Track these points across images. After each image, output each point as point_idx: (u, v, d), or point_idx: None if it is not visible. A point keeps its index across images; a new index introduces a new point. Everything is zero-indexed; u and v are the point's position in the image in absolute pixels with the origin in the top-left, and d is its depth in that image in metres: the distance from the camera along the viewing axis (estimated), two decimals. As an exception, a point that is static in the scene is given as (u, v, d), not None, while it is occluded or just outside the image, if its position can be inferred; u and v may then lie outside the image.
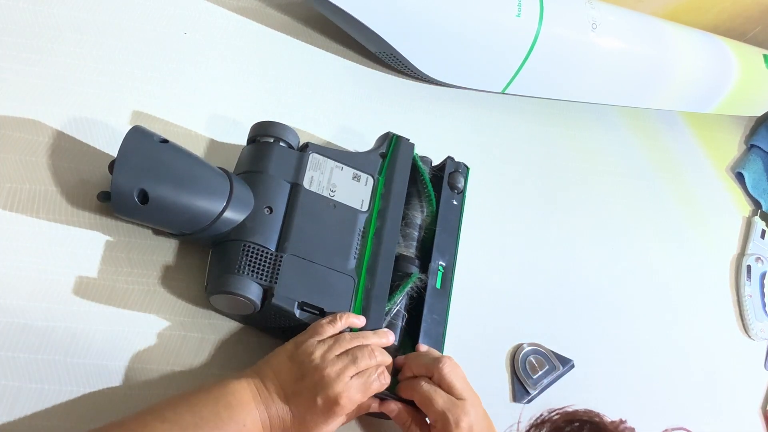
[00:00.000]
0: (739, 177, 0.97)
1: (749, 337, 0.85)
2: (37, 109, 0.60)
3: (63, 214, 0.56)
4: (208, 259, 0.57)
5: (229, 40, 0.71)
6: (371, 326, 0.57)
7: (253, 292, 0.53)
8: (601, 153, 0.89)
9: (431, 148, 0.71)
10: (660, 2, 0.94)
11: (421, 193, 0.67)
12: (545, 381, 0.68)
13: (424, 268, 0.63)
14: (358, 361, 0.52)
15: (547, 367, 0.69)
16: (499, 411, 0.66)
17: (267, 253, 0.55)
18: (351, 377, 0.51)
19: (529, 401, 0.67)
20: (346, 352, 0.52)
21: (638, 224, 0.86)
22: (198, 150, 0.64)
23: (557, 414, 0.43)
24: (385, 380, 0.53)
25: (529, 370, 0.68)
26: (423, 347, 0.59)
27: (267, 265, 0.55)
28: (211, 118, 0.66)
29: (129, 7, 0.68)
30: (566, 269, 0.78)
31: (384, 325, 0.58)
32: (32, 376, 0.51)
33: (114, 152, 0.53)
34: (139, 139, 0.54)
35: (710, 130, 1.00)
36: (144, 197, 0.52)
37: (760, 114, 1.04)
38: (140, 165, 0.53)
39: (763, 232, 0.93)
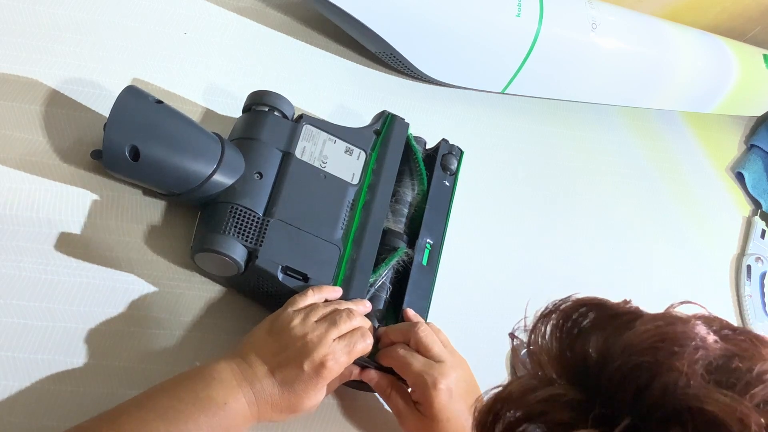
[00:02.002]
0: (739, 177, 0.97)
1: (749, 337, 0.85)
2: (36, 109, 0.60)
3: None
4: (196, 220, 0.58)
5: (229, 40, 0.71)
6: (354, 295, 0.58)
7: (238, 252, 0.54)
8: (601, 153, 0.89)
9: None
10: (660, 2, 0.94)
11: (413, 172, 0.67)
12: (545, 381, 0.68)
13: (412, 244, 0.63)
14: (338, 323, 0.52)
15: (547, 367, 0.69)
16: (499, 411, 0.66)
17: (254, 216, 0.56)
18: (334, 340, 0.51)
19: (529, 401, 0.67)
20: (325, 317, 0.53)
21: (638, 224, 0.86)
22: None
23: (563, 303, 0.42)
24: (369, 342, 0.53)
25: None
26: (410, 311, 0.60)
27: (253, 227, 0.55)
28: (210, 117, 0.66)
29: (129, 7, 0.68)
30: (567, 269, 0.78)
31: (368, 296, 0.59)
32: (32, 376, 0.51)
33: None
34: (133, 98, 0.55)
35: (710, 130, 1.00)
36: (135, 154, 0.53)
37: (760, 114, 1.04)
38: (133, 122, 0.54)
39: (763, 232, 0.93)
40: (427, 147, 0.71)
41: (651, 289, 0.82)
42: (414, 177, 0.67)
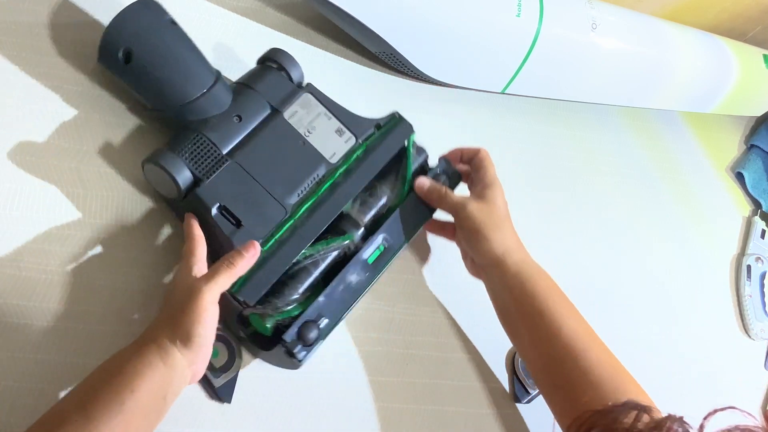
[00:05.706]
0: (739, 177, 0.97)
1: (749, 337, 0.85)
2: (36, 108, 0.60)
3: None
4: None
5: (229, 40, 0.71)
6: (281, 260, 0.55)
7: (182, 175, 0.55)
8: (601, 153, 0.89)
9: (430, 148, 0.71)
10: (660, 2, 0.94)
11: (399, 176, 0.66)
12: (545, 381, 0.68)
13: (366, 239, 0.61)
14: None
15: (547, 367, 0.69)
16: (499, 411, 0.66)
17: (215, 151, 0.57)
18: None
19: (529, 401, 0.67)
20: None
21: (638, 224, 0.86)
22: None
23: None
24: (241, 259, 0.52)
25: (529, 370, 0.68)
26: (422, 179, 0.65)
27: (209, 160, 0.56)
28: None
29: (129, 7, 0.68)
30: (566, 269, 0.77)
31: (297, 267, 0.57)
32: (32, 376, 0.51)
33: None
34: (148, 9, 0.57)
35: (710, 130, 1.00)
36: (128, 57, 0.55)
37: (760, 114, 1.04)
38: (137, 28, 0.56)
39: (763, 232, 0.93)
40: (428, 161, 0.68)
41: (651, 289, 0.82)
42: (398, 180, 0.65)
